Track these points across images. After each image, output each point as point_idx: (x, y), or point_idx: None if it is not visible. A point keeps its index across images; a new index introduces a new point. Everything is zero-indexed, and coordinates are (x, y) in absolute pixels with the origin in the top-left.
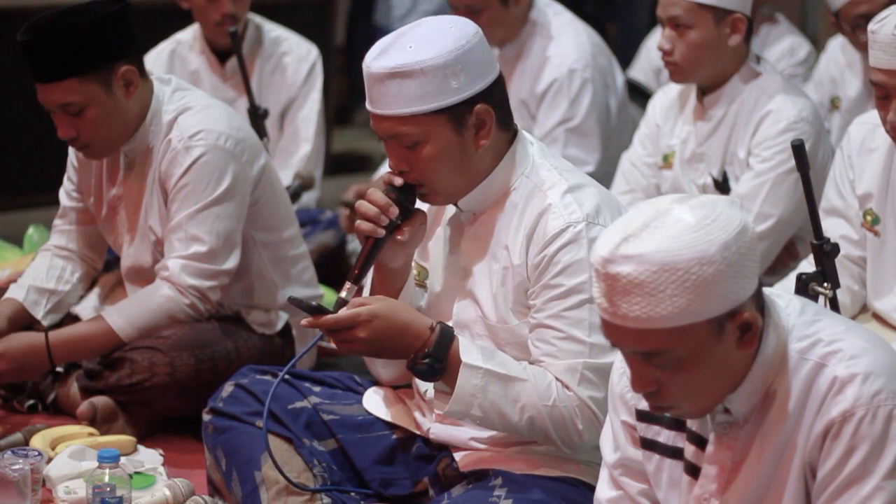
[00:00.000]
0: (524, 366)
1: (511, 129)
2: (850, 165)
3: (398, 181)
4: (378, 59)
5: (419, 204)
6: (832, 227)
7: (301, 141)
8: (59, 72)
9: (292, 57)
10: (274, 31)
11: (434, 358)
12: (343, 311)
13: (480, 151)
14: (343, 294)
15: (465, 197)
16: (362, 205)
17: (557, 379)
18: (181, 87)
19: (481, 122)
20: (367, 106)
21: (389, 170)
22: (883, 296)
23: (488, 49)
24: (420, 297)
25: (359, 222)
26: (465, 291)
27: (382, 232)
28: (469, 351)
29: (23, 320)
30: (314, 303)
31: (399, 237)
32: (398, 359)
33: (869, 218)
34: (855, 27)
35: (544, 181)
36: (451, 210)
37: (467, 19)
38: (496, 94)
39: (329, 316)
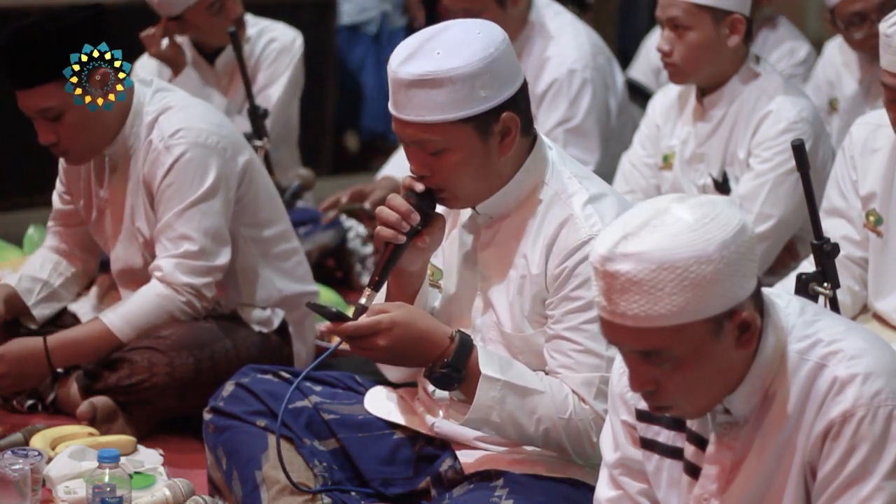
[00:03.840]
0: (541, 377)
1: (531, 134)
2: (852, 166)
3: (419, 187)
4: (405, 64)
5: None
6: (834, 228)
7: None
8: (35, 77)
9: (276, 45)
10: (258, 24)
11: (453, 368)
12: (363, 319)
13: (504, 158)
14: (363, 300)
15: (485, 202)
16: (383, 211)
17: (574, 392)
18: (162, 88)
19: (507, 130)
20: (391, 109)
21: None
22: (884, 296)
23: (514, 55)
24: (434, 298)
25: (379, 228)
26: (480, 296)
27: (403, 239)
28: (488, 362)
29: (16, 306)
30: (334, 309)
31: (419, 244)
32: (416, 367)
33: (872, 218)
34: (849, 24)
35: (565, 189)
36: (467, 212)
37: (493, 23)
38: (521, 101)
39: (349, 323)
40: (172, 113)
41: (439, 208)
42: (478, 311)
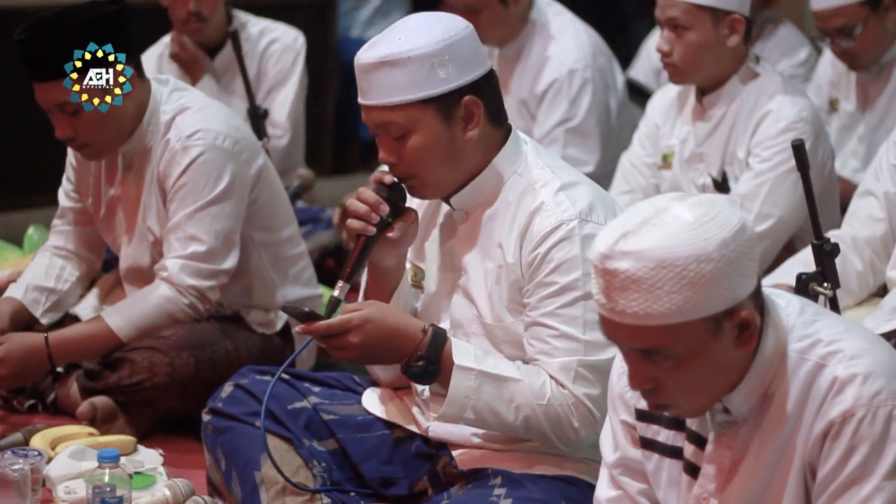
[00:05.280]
0: (518, 365)
1: (504, 126)
2: (893, 153)
3: (388, 179)
4: (368, 50)
5: (413, 204)
6: (862, 208)
7: (276, 130)
8: (55, 70)
9: (278, 45)
10: (259, 24)
11: (427, 360)
12: (334, 318)
13: (470, 145)
14: (336, 293)
15: (457, 195)
16: (353, 203)
17: (552, 377)
18: (179, 88)
19: (470, 114)
20: (359, 99)
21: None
22: None
23: (478, 43)
24: (416, 299)
25: (350, 220)
26: (461, 290)
27: (373, 230)
28: (462, 353)
29: (23, 319)
30: (306, 309)
31: (390, 235)
32: (392, 363)
33: None
34: (823, 36)
35: (537, 179)
36: (445, 210)
37: (457, 16)
38: (486, 87)
39: (321, 322)
40: (190, 113)
41: (420, 208)
42: (458, 305)
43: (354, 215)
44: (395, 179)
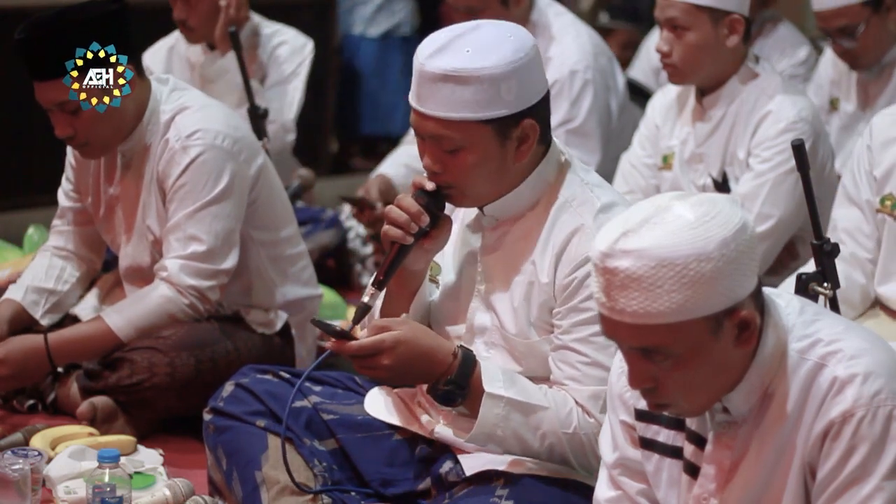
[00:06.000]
0: (544, 391)
1: (547, 141)
2: (869, 157)
3: (430, 186)
4: (433, 57)
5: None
6: (847, 217)
7: (282, 129)
8: (56, 69)
9: (286, 48)
10: (271, 27)
11: (456, 385)
12: (366, 339)
13: (518, 164)
14: (366, 299)
15: (492, 203)
16: (392, 210)
17: (578, 404)
18: (179, 87)
19: (525, 137)
20: (412, 101)
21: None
22: (890, 280)
23: (541, 64)
24: (431, 293)
25: (387, 228)
26: (482, 297)
27: (411, 239)
28: (491, 379)
29: (22, 321)
30: (338, 328)
31: (426, 245)
32: (420, 384)
33: (889, 203)
34: (826, 35)
35: (576, 197)
36: (472, 210)
37: (523, 29)
38: (543, 110)
39: (353, 343)
40: (190, 113)
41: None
42: (477, 312)
43: (394, 223)
44: (436, 187)
